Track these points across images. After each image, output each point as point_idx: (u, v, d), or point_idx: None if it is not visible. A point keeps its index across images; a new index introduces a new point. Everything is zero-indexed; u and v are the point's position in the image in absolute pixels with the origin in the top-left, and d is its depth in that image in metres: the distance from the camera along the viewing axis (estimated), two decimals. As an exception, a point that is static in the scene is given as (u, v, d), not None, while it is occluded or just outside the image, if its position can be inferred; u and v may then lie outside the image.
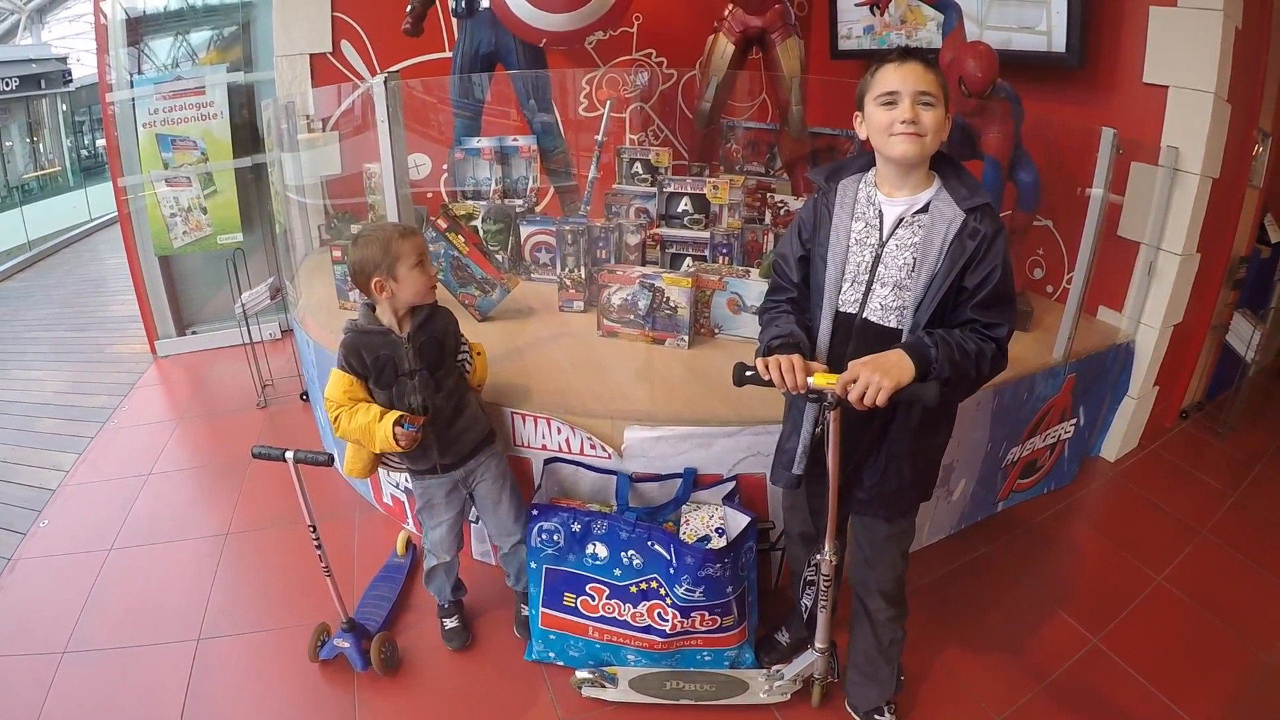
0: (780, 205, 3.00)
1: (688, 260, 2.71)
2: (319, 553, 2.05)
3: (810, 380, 1.48)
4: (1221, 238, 3.43)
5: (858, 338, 1.56)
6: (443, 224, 2.73)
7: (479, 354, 2.13)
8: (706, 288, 2.42)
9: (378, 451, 1.94)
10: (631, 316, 2.43)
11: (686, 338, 2.40)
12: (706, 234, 2.65)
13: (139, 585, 2.56)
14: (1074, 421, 3.06)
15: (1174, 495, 3.18)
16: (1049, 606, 2.48)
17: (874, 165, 1.58)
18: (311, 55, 4.16)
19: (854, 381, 1.42)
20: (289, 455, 1.95)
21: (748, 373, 1.56)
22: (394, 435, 1.82)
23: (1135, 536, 2.88)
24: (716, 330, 2.49)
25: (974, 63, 2.71)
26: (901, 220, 1.51)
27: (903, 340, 1.50)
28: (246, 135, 4.51)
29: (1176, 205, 3.07)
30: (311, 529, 2.01)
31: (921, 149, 1.44)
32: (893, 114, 1.43)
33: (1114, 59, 3.16)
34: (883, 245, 1.52)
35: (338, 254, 2.89)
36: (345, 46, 4.15)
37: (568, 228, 2.59)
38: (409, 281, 1.84)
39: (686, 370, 2.35)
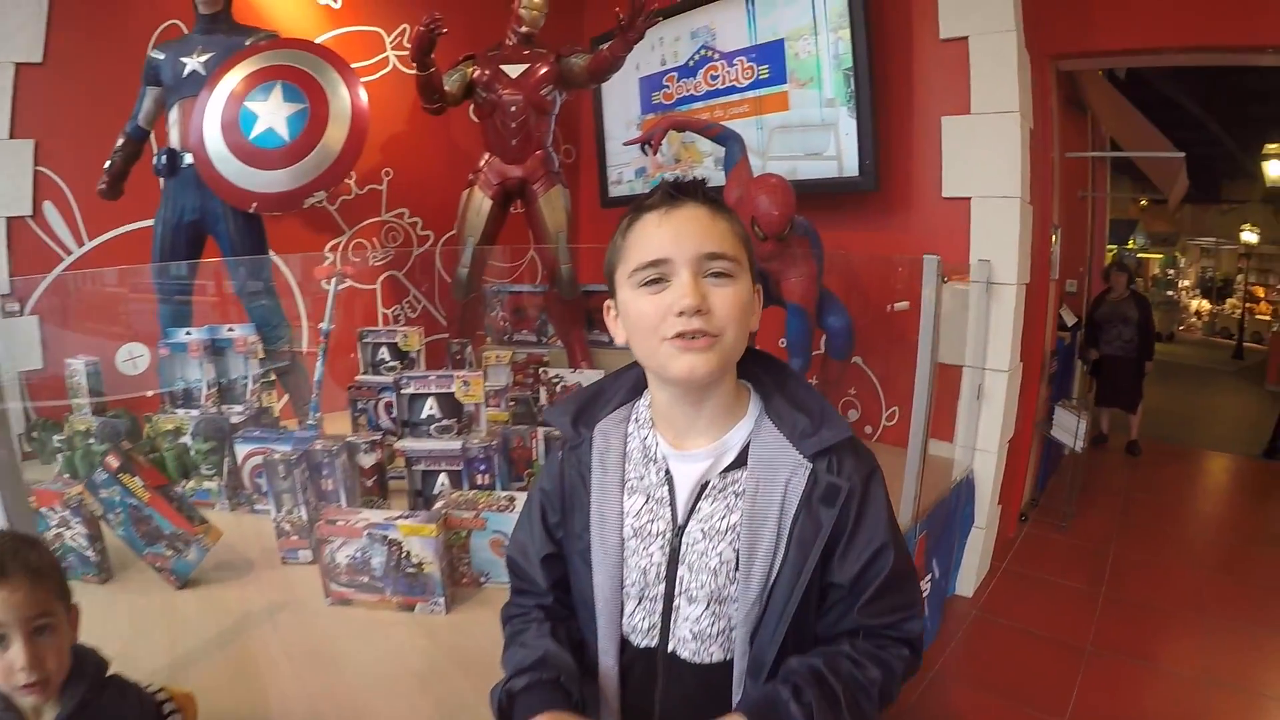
0: (555, 380, 2.41)
1: (441, 479, 2.02)
2: None
3: None
4: (1035, 340, 3.18)
5: (667, 676, 0.91)
6: (114, 463, 1.92)
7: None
8: (460, 529, 1.75)
9: None
10: (365, 579, 1.72)
11: (442, 600, 1.70)
12: (458, 444, 1.98)
13: None
14: (929, 578, 2.59)
15: (1045, 614, 2.87)
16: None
17: (646, 389, 0.95)
18: (8, 218, 3.25)
19: None
20: None
21: None
22: None
23: (1023, 681, 2.50)
24: (483, 580, 1.78)
25: (767, 199, 2.25)
26: (706, 487, 0.88)
27: (741, 694, 0.87)
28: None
29: (996, 321, 2.75)
30: None
31: (720, 358, 0.82)
32: (663, 300, 0.81)
33: (908, 176, 2.86)
34: (680, 533, 0.88)
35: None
36: (48, 209, 3.26)
37: (278, 455, 1.86)
38: None
39: (443, 651, 1.64)
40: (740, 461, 0.87)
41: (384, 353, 2.38)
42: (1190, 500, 4.69)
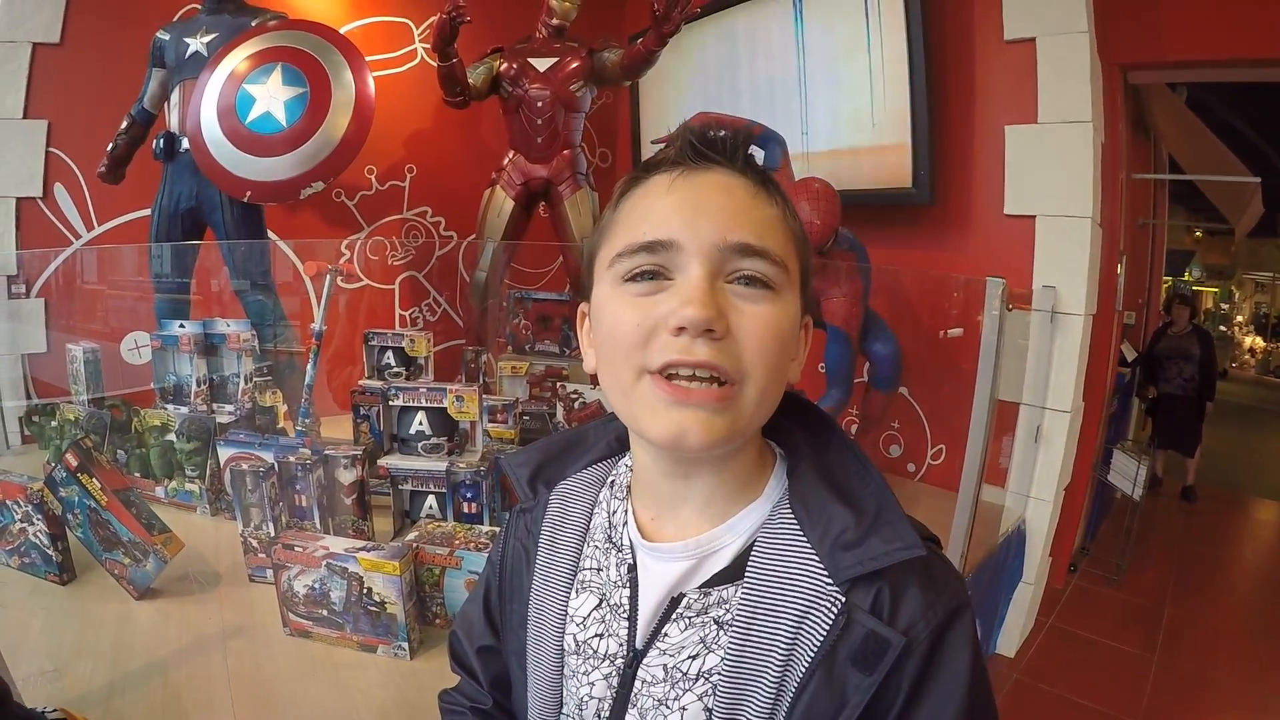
0: (574, 396, 2.14)
1: (430, 502, 1.78)
2: None
3: None
4: (1098, 378, 2.83)
5: None
6: (72, 461, 1.72)
7: None
8: (433, 565, 1.49)
9: None
10: (324, 612, 1.48)
11: (406, 645, 1.45)
12: (443, 466, 1.71)
13: None
14: (971, 640, 2.27)
15: (1092, 681, 2.57)
16: None
17: (629, 448, 0.65)
18: (19, 200, 3.12)
19: None
20: None
21: None
22: None
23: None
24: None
25: (809, 206, 1.96)
26: (679, 604, 0.56)
27: None
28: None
29: (1060, 354, 2.42)
30: None
31: (735, 423, 0.51)
32: (655, 306, 0.51)
33: (966, 190, 2.54)
34: (635, 662, 0.57)
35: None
36: (59, 191, 3.12)
37: (245, 466, 1.64)
38: None
39: (400, 705, 1.39)
40: (736, 570, 0.55)
41: (389, 357, 2.14)
42: (1249, 556, 4.29)
